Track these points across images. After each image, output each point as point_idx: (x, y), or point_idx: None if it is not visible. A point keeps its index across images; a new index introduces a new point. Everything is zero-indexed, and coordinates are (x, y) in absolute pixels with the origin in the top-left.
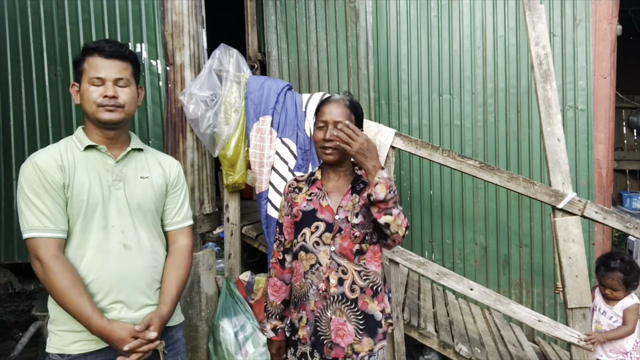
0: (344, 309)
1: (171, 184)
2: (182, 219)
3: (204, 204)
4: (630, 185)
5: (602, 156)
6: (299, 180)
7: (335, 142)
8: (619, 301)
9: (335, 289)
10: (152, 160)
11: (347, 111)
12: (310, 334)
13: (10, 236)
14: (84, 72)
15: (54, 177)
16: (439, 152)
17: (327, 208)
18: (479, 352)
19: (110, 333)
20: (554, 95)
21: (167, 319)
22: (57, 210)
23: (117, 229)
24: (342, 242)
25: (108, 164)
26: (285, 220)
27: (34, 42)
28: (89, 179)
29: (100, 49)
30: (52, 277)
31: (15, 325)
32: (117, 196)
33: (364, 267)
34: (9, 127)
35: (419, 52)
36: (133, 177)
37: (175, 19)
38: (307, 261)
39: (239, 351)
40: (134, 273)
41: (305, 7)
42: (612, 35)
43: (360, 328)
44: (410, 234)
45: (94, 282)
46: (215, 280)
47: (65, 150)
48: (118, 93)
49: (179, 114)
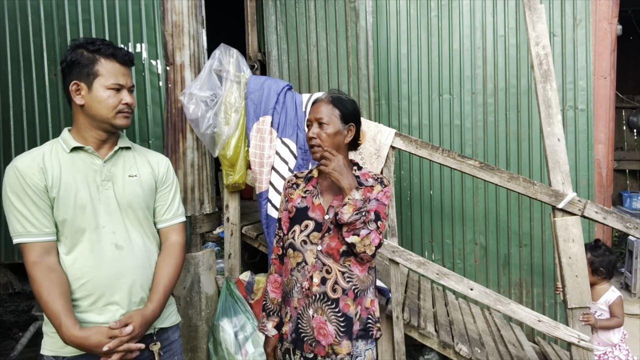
0: (324, 309)
1: (160, 181)
2: (172, 216)
3: (204, 204)
4: (630, 185)
5: (602, 156)
6: (299, 176)
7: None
8: (601, 296)
9: (318, 288)
10: (140, 158)
11: (330, 107)
12: (292, 331)
13: (10, 236)
14: (99, 76)
15: (34, 180)
16: (439, 152)
17: (319, 207)
18: (479, 352)
19: (84, 340)
20: (554, 95)
21: (151, 317)
22: (40, 214)
23: (108, 230)
24: (330, 242)
25: (96, 164)
26: (284, 215)
27: (34, 42)
28: (75, 181)
29: (116, 54)
30: (31, 283)
31: (15, 325)
32: (106, 196)
33: (348, 269)
34: (9, 126)
35: (419, 52)
36: (121, 176)
37: (175, 19)
38: (294, 259)
39: (239, 351)
40: (127, 273)
41: (305, 7)
42: (612, 35)
43: (340, 330)
44: (410, 234)
45: (87, 283)
46: (215, 280)
47: (50, 153)
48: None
49: (179, 114)
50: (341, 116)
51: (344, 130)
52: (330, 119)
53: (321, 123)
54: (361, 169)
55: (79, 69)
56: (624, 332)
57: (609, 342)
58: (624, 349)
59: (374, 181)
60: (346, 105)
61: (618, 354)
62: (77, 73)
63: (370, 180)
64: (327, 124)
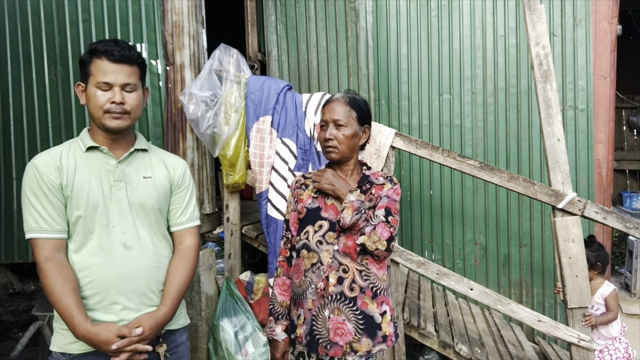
0: (342, 308)
1: (176, 184)
2: (187, 219)
3: (204, 204)
4: (630, 185)
5: (602, 156)
6: (307, 177)
7: (334, 141)
8: (597, 290)
9: (334, 288)
10: (157, 160)
11: (347, 108)
12: (306, 333)
13: (10, 236)
14: (91, 75)
15: (50, 178)
16: (439, 152)
17: (332, 207)
18: (479, 352)
19: (94, 335)
20: (554, 95)
21: (163, 320)
22: (54, 211)
23: (118, 229)
24: (346, 241)
25: (110, 164)
26: (292, 216)
27: (34, 42)
28: (89, 180)
29: (109, 52)
30: (42, 278)
31: (15, 325)
32: (118, 196)
33: (365, 267)
34: (9, 127)
35: (419, 52)
36: (135, 177)
37: (175, 18)
38: (309, 260)
39: (239, 351)
40: (135, 273)
41: (305, 7)
42: (612, 35)
43: (360, 328)
44: (410, 234)
45: (95, 282)
46: (215, 280)
47: (67, 152)
48: (125, 99)
49: (179, 114)
50: (358, 118)
51: (360, 132)
52: (347, 120)
53: (339, 125)
54: (370, 169)
55: (82, 69)
56: (622, 325)
57: (609, 336)
58: (624, 342)
59: (384, 179)
60: (361, 106)
61: (618, 346)
62: (82, 74)
63: (381, 179)
64: (345, 125)
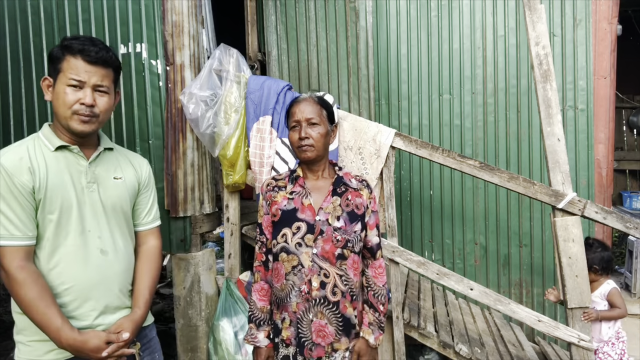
0: (325, 312)
1: (143, 184)
2: (152, 219)
3: (204, 204)
4: (630, 185)
5: (602, 156)
6: (277, 178)
7: (310, 139)
8: (596, 289)
9: (318, 292)
10: (123, 159)
11: (318, 107)
12: (295, 335)
13: None
14: (62, 72)
15: (22, 181)
16: (439, 152)
17: (309, 207)
18: (479, 352)
19: (82, 344)
20: (554, 95)
21: (141, 322)
22: (25, 216)
23: (94, 234)
24: (324, 244)
25: (81, 165)
26: (265, 219)
27: (34, 42)
28: (62, 182)
29: (86, 52)
30: (17, 289)
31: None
32: (92, 199)
33: (345, 272)
34: (9, 127)
35: (419, 52)
36: (106, 178)
37: (175, 18)
38: (289, 262)
39: (239, 351)
40: (111, 278)
41: (305, 7)
42: (612, 35)
43: (339, 329)
44: (410, 234)
45: (71, 289)
46: (215, 280)
47: (34, 150)
48: (96, 101)
49: (179, 114)
50: (328, 116)
51: (330, 130)
52: (320, 119)
53: (313, 123)
54: (342, 169)
55: (51, 64)
56: (618, 331)
57: (597, 337)
58: (619, 348)
59: (358, 183)
60: (328, 105)
61: (607, 350)
62: (50, 68)
63: (354, 182)
64: (318, 124)
